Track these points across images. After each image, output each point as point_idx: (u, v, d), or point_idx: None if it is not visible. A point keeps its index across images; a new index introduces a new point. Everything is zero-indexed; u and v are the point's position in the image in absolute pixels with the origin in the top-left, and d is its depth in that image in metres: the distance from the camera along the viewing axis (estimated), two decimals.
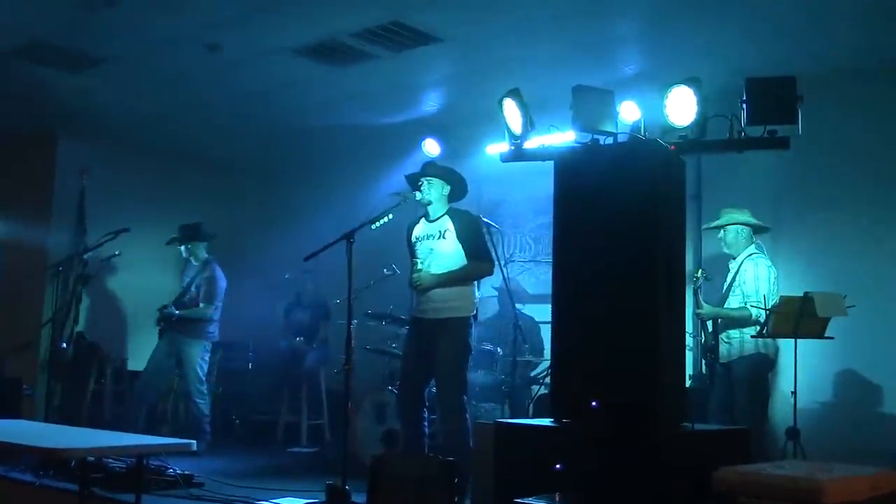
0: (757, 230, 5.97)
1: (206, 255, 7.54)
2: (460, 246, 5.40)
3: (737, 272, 5.85)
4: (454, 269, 5.38)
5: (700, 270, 5.91)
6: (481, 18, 5.96)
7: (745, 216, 5.94)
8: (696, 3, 5.62)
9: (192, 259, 7.52)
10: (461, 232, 5.41)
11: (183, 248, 7.50)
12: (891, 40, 6.02)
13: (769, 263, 5.80)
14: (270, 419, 8.76)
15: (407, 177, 5.69)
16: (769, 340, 5.66)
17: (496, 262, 5.60)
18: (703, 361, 6.07)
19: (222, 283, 7.48)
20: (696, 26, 5.95)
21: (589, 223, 4.35)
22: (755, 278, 5.71)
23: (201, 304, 7.36)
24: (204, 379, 7.40)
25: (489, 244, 5.61)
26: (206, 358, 7.47)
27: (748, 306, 5.68)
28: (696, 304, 5.77)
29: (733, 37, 6.06)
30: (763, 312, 5.51)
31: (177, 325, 7.28)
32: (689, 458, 3.98)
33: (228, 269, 7.64)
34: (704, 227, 6.34)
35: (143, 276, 8.90)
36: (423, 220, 5.58)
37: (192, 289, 7.40)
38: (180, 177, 9.71)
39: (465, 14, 5.92)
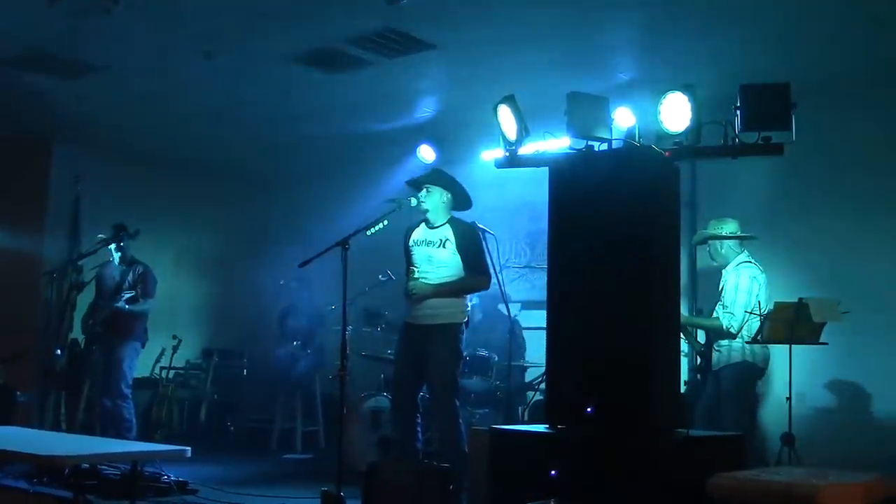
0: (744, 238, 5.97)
1: (132, 255, 7.15)
2: (459, 256, 5.39)
3: (725, 282, 5.86)
4: (451, 279, 5.37)
5: None
6: (476, 25, 5.96)
7: (729, 226, 5.90)
8: (690, 10, 5.63)
9: (113, 259, 7.10)
10: (461, 243, 5.40)
11: (114, 247, 7.05)
12: (883, 47, 6.04)
13: (754, 274, 5.77)
14: (265, 426, 8.76)
15: (408, 181, 5.69)
16: (757, 349, 5.66)
17: (493, 275, 5.60)
18: (697, 367, 6.09)
19: (155, 277, 7.18)
20: (690, 33, 5.95)
21: (584, 229, 4.35)
22: (734, 289, 5.73)
23: (141, 300, 6.97)
24: (130, 382, 6.95)
25: (488, 258, 5.60)
26: (136, 362, 7.11)
27: (718, 316, 5.72)
28: None
29: (727, 44, 6.07)
30: (734, 322, 5.58)
31: (115, 325, 6.92)
32: (684, 465, 3.97)
33: (224, 277, 7.56)
34: (695, 240, 6.28)
35: None
36: (423, 224, 5.55)
37: (125, 286, 6.96)
38: (176, 184, 9.68)
39: (459, 20, 5.92)
